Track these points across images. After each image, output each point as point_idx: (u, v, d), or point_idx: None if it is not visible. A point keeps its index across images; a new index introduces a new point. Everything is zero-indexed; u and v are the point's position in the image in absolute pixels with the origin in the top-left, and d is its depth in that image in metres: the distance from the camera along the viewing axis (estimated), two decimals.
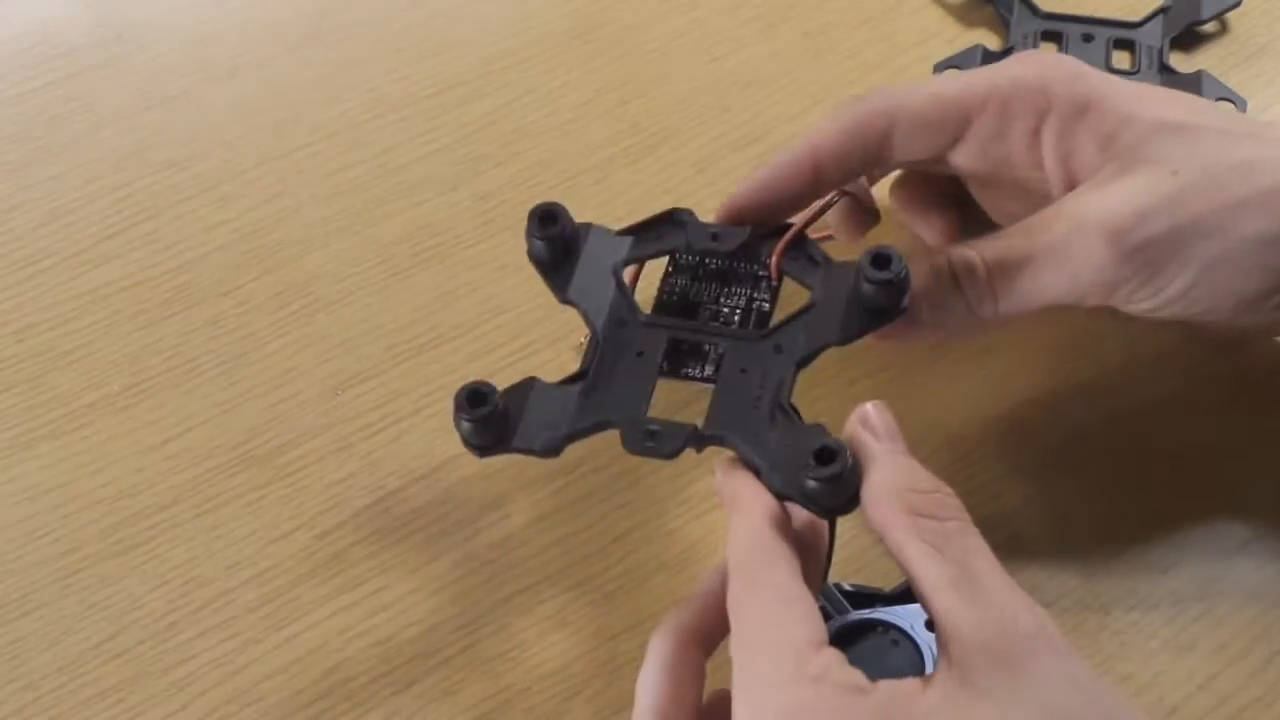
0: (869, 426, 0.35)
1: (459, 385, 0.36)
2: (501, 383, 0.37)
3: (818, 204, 0.41)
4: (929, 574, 0.31)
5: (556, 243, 0.40)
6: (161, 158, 0.54)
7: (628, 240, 0.42)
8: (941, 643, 0.31)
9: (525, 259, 0.41)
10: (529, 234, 0.41)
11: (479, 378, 0.37)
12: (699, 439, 0.37)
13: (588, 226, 0.42)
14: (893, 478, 0.33)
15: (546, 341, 0.48)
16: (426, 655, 0.41)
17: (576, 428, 0.37)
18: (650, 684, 0.35)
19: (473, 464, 0.45)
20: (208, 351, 0.49)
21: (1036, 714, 0.29)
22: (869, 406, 0.35)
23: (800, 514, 0.36)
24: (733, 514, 0.35)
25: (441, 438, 0.46)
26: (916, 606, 0.37)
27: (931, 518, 0.32)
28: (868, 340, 0.38)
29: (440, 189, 0.53)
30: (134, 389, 0.48)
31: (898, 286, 0.37)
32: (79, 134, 0.55)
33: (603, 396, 0.38)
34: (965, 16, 0.57)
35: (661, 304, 0.41)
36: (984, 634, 0.30)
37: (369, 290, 0.50)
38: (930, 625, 0.35)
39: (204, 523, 0.44)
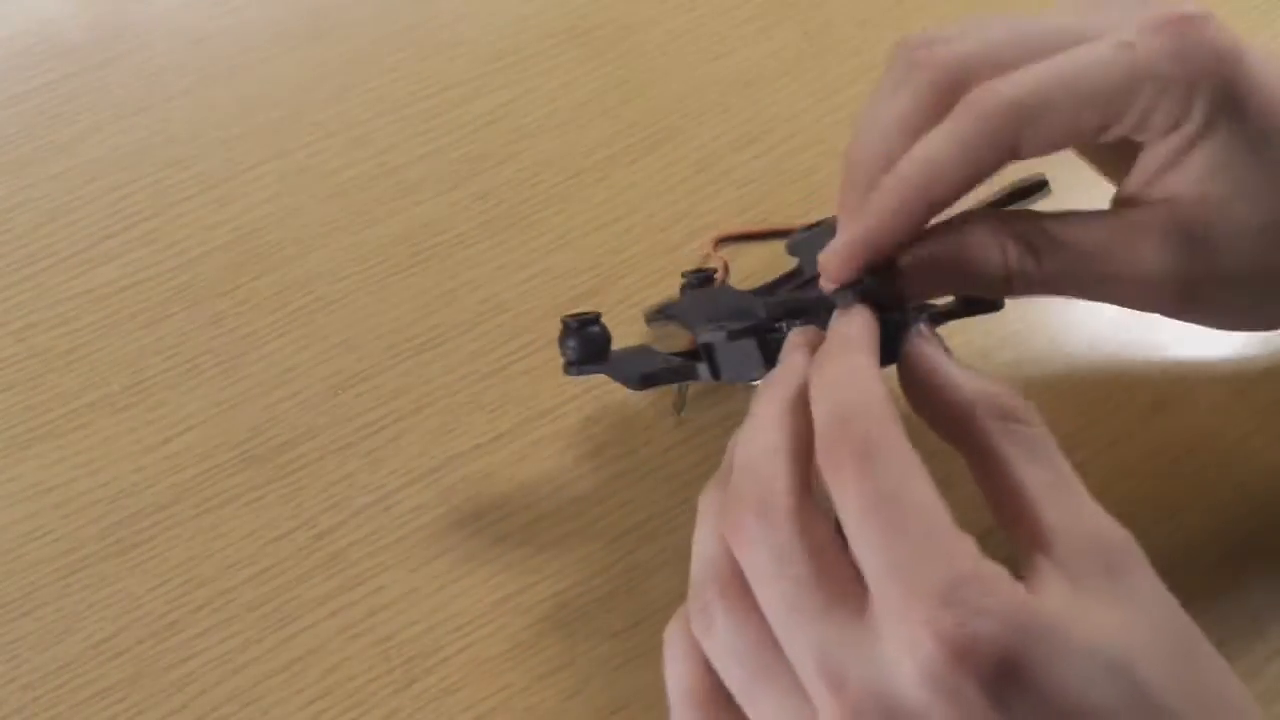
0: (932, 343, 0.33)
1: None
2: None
3: None
4: (1030, 477, 0.30)
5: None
6: (161, 158, 0.54)
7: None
8: (1040, 544, 0.29)
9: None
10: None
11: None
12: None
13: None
14: (977, 383, 0.32)
15: (546, 341, 0.48)
16: (426, 655, 0.41)
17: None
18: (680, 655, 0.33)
19: (473, 464, 0.45)
20: (208, 351, 0.49)
21: (1147, 622, 0.28)
22: (923, 328, 0.33)
23: None
24: (842, 353, 0.32)
25: (442, 437, 0.46)
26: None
27: (1024, 423, 0.31)
28: None
29: (440, 189, 0.53)
30: (134, 389, 0.48)
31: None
32: (79, 134, 0.55)
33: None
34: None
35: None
36: (1087, 541, 0.29)
37: (369, 290, 0.50)
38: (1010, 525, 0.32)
39: (204, 522, 0.44)
